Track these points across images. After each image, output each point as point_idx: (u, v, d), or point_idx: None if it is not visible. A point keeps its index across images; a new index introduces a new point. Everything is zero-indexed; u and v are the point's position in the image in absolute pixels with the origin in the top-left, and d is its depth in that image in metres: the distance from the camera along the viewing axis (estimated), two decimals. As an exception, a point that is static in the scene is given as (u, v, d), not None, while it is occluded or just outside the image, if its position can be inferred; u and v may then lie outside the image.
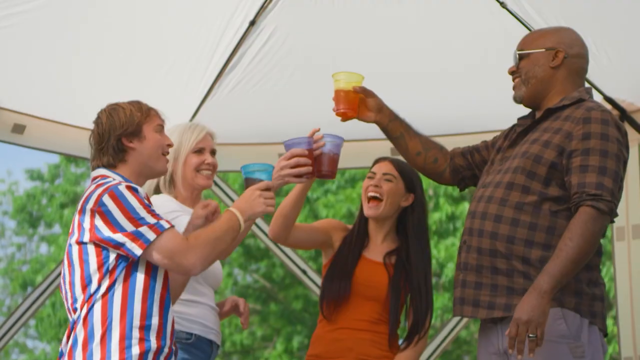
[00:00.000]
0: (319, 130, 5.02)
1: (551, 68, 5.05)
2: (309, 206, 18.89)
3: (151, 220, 4.64)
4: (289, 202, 5.56)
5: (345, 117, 5.20)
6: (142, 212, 4.64)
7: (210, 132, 5.78)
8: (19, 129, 7.53)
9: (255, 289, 19.77)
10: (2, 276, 22.55)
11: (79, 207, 4.68)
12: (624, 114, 7.65)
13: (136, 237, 4.59)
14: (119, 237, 4.59)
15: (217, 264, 5.85)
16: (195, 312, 5.48)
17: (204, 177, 5.66)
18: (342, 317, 5.69)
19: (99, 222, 4.62)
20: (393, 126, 5.33)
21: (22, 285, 21.35)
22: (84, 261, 4.65)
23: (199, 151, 5.61)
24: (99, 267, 4.65)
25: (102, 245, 4.63)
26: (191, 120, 7.59)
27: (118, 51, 7.38)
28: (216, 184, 7.75)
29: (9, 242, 22.85)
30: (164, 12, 7.21)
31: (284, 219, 5.58)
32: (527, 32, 6.60)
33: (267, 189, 4.86)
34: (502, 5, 7.03)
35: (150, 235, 4.59)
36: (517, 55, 5.12)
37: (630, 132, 7.60)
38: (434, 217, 17.54)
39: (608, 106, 7.63)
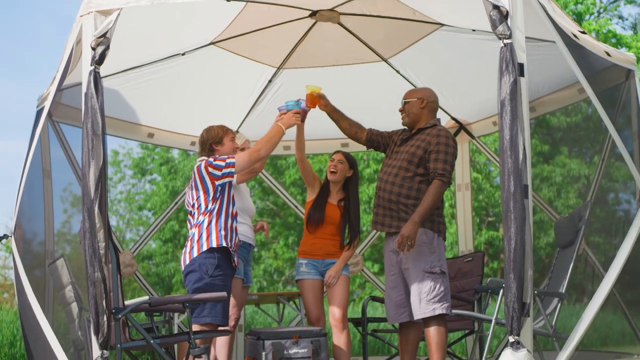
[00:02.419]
0: (299, 99, 5.36)
1: (420, 108, 5.26)
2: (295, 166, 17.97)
3: (230, 156, 5.07)
4: (296, 140, 5.75)
5: (311, 108, 5.42)
6: (225, 157, 5.07)
7: (247, 138, 5.94)
8: (150, 135, 7.42)
9: (267, 209, 19.09)
10: (124, 202, 21.69)
11: (196, 171, 5.08)
12: (462, 126, 7.63)
13: (228, 165, 5.03)
14: (223, 171, 5.04)
15: (252, 204, 6.00)
16: (241, 229, 5.64)
17: None
18: (317, 232, 5.89)
19: (211, 170, 5.04)
20: (333, 114, 5.48)
21: (137, 207, 20.88)
22: (206, 194, 5.05)
23: (242, 149, 5.75)
24: (213, 196, 5.06)
25: (217, 182, 5.03)
26: (239, 126, 7.55)
27: (201, 92, 7.17)
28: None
29: (128, 182, 21.88)
30: (227, 74, 7.06)
31: (298, 149, 5.77)
32: (411, 86, 7.00)
33: (297, 113, 5.29)
34: (397, 72, 7.10)
35: (231, 159, 5.05)
36: (403, 102, 5.32)
37: (464, 135, 7.67)
38: (367, 172, 16.85)
39: (452, 122, 7.65)
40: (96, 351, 4.37)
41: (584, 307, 5.07)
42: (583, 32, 5.27)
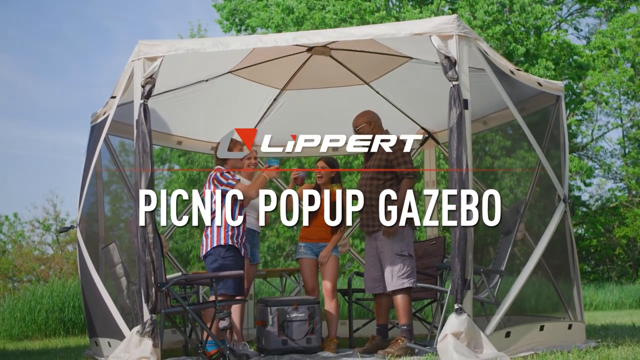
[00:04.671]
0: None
1: (371, 129, 5.41)
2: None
3: (234, 179, 5.23)
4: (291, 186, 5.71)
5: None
6: (231, 176, 5.24)
7: (256, 150, 6.08)
8: (179, 142, 7.46)
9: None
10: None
11: (208, 178, 5.26)
12: (430, 134, 7.67)
13: (229, 183, 5.20)
14: (228, 181, 5.22)
15: (256, 202, 6.11)
16: (249, 220, 5.99)
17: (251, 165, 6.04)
18: (313, 222, 6.06)
19: (218, 182, 5.24)
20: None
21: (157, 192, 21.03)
22: (214, 199, 5.26)
23: (249, 158, 6.04)
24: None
25: (222, 190, 5.20)
26: (250, 134, 7.61)
27: (220, 108, 7.17)
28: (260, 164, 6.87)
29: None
30: (241, 95, 7.12)
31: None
32: (388, 103, 7.07)
33: (276, 169, 5.40)
34: (378, 93, 7.18)
35: (233, 182, 5.20)
36: (355, 129, 5.46)
37: (431, 142, 7.73)
38: (355, 163, 16.24)
39: (422, 131, 7.64)
40: (146, 315, 4.84)
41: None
42: (518, 69, 5.72)
